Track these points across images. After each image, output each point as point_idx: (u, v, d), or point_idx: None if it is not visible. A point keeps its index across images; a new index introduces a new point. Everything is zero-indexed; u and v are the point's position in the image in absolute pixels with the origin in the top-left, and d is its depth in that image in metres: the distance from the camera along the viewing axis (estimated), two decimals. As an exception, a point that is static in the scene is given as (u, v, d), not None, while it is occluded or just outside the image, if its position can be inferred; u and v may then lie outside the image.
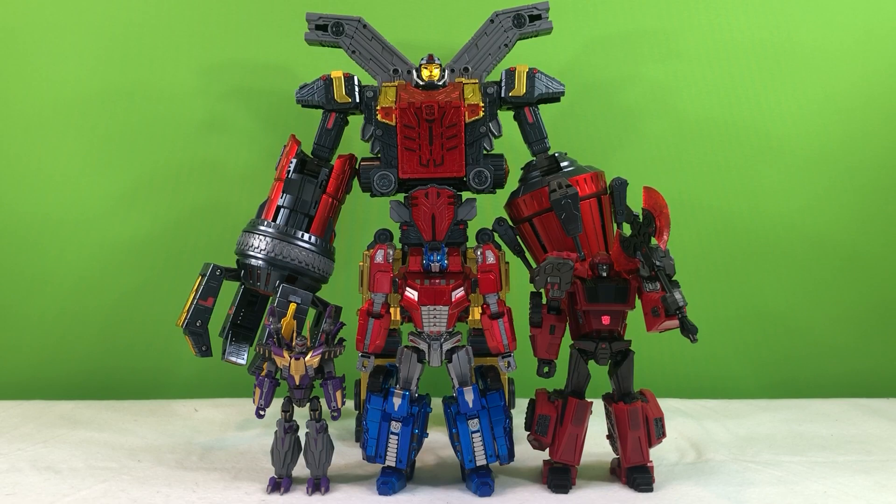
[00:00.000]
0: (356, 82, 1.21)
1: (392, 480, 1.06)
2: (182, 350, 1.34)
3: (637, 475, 1.08)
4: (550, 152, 1.22)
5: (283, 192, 1.22)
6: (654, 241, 1.04)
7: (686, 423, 1.39)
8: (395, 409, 1.07)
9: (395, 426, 1.07)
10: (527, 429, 1.12)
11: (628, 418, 1.08)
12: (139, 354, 1.62)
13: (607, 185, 1.17)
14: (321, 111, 1.23)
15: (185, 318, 1.19)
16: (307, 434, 1.08)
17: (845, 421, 1.42)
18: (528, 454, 1.16)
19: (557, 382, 1.12)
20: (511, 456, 1.09)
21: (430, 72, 1.17)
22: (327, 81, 1.21)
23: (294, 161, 1.22)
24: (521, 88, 1.19)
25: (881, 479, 1.12)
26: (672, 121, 1.61)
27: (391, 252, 1.08)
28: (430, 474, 1.15)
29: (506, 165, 1.19)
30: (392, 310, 1.14)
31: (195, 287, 1.20)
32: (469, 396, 1.07)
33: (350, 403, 1.43)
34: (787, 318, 1.63)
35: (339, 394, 1.09)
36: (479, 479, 1.06)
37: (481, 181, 1.16)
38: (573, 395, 1.10)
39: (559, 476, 1.08)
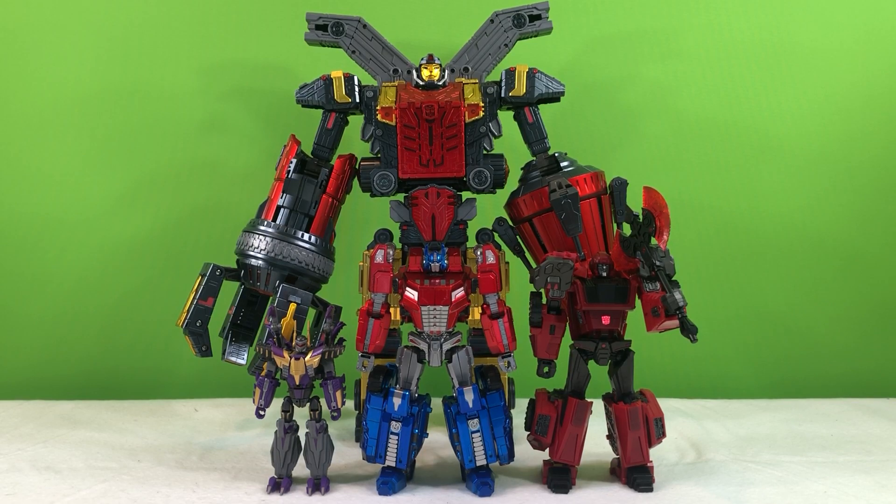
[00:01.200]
0: (356, 82, 1.21)
1: (392, 480, 1.06)
2: (182, 350, 1.34)
3: (637, 475, 1.08)
4: (550, 152, 1.22)
5: (283, 192, 1.22)
6: (654, 241, 1.04)
7: (686, 423, 1.39)
8: (395, 409, 1.07)
9: (395, 426, 1.07)
10: (527, 429, 1.12)
11: (628, 418, 1.08)
12: (139, 354, 1.62)
13: (607, 185, 1.17)
14: (321, 111, 1.23)
15: (185, 318, 1.19)
16: (307, 434, 1.08)
17: (845, 421, 1.42)
18: (528, 454, 1.16)
19: (557, 382, 1.12)
20: (511, 456, 1.09)
21: (430, 72, 1.17)
22: (327, 81, 1.21)
23: (294, 161, 1.22)
24: (521, 88, 1.19)
25: (881, 479, 1.11)
26: (672, 121, 1.61)
27: (391, 252, 1.08)
28: (430, 474, 1.15)
29: (506, 165, 1.19)
30: (392, 310, 1.14)
31: (195, 287, 1.20)
32: (469, 396, 1.07)
33: (350, 403, 1.43)
34: (787, 318, 1.63)
35: (339, 394, 1.09)
36: (479, 479, 1.06)
37: (481, 181, 1.16)
38: (573, 395, 1.10)
39: (559, 476, 1.08)
